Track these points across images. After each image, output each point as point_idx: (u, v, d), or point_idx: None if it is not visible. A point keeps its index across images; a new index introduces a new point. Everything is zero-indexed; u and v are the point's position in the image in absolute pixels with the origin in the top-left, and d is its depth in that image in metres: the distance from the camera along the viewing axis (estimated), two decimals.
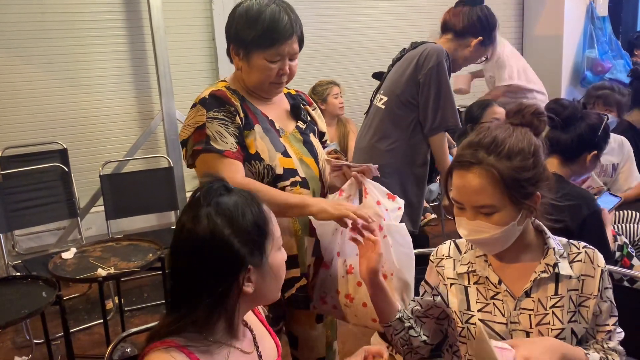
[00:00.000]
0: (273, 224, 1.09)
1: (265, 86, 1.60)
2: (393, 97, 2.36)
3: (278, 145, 1.60)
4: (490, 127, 1.26)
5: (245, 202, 1.05)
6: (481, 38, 2.33)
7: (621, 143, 2.88)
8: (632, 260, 2.29)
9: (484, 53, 2.40)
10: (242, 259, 1.02)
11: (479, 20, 2.32)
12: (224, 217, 1.01)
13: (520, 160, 1.20)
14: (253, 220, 1.03)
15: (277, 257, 1.10)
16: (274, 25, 1.52)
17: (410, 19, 4.88)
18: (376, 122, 2.44)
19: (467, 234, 1.25)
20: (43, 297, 2.19)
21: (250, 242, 1.02)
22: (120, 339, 1.43)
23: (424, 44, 2.35)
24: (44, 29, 3.65)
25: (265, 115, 1.63)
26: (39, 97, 3.72)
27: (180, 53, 3.90)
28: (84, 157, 3.88)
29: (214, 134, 1.52)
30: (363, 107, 4.57)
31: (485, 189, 1.19)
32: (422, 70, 2.26)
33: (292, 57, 1.60)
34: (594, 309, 1.27)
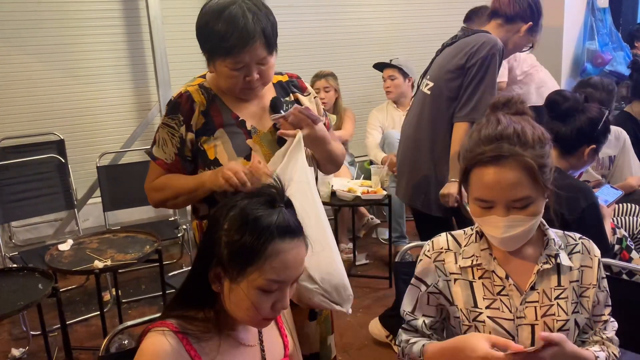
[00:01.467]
0: (275, 268, 1.03)
1: (235, 91, 1.54)
2: (441, 82, 2.34)
3: (241, 149, 1.54)
4: (491, 119, 1.23)
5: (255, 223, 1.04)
6: (530, 24, 2.33)
7: (618, 135, 2.87)
8: (631, 253, 2.29)
9: (530, 40, 2.39)
10: (218, 257, 1.05)
11: (529, 6, 2.31)
12: (233, 216, 1.05)
13: (540, 147, 1.19)
14: (249, 239, 1.02)
15: (253, 294, 1.04)
16: (229, 31, 1.40)
17: (410, 10, 4.85)
18: (420, 108, 2.43)
19: (502, 231, 1.19)
20: (40, 288, 2.18)
21: (235, 254, 1.04)
22: (116, 332, 1.42)
23: (479, 32, 2.32)
24: (40, 19, 3.62)
25: (235, 116, 1.57)
26: (35, 88, 3.69)
27: (177, 43, 3.87)
28: (81, 148, 3.86)
29: (160, 139, 1.57)
30: (363, 99, 4.59)
31: (521, 181, 1.15)
32: (472, 59, 2.24)
33: (259, 62, 1.47)
34: (593, 299, 1.28)
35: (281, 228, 1.04)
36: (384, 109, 4.02)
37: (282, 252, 1.03)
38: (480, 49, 2.23)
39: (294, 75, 1.72)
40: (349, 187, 3.22)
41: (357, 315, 3.10)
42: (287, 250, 1.04)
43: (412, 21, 4.86)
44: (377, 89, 4.11)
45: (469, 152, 1.22)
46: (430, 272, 1.34)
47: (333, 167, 1.75)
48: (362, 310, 3.14)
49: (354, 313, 3.12)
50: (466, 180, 1.23)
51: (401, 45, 4.78)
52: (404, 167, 2.52)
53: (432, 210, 2.40)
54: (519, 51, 2.45)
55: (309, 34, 4.43)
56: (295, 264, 1.06)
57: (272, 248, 1.02)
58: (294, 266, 1.06)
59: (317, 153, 1.63)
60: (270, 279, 1.03)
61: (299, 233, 1.08)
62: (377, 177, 3.39)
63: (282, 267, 1.03)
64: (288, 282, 1.07)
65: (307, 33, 4.41)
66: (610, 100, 3.07)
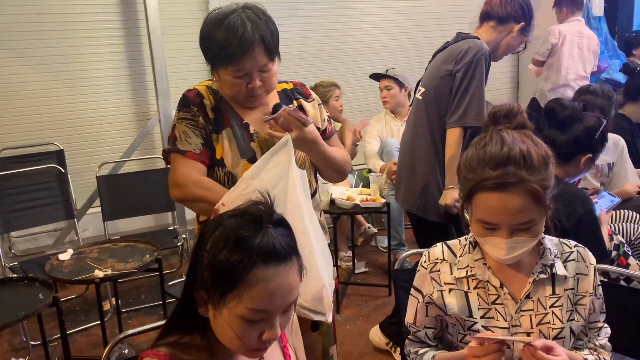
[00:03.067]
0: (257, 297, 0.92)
1: (239, 99, 1.57)
2: (432, 88, 2.37)
3: (245, 151, 1.57)
4: (494, 137, 1.21)
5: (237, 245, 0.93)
6: (523, 24, 2.36)
7: (616, 142, 2.89)
8: (629, 259, 2.30)
9: (523, 40, 2.42)
10: (201, 279, 0.96)
11: (520, 7, 2.35)
12: (216, 236, 0.96)
13: (544, 169, 1.18)
14: (228, 264, 0.93)
15: (234, 323, 0.95)
16: (229, 40, 1.44)
17: (408, 20, 4.89)
18: (416, 114, 2.47)
19: (505, 253, 1.19)
20: (40, 298, 2.18)
21: (215, 278, 0.94)
22: (116, 341, 1.42)
23: (469, 38, 2.35)
24: (40, 30, 3.64)
25: (240, 118, 1.60)
26: (35, 98, 3.71)
27: (176, 54, 3.90)
28: (80, 158, 3.87)
29: (181, 134, 1.55)
30: (360, 107, 4.62)
31: (527, 206, 1.15)
32: (458, 64, 2.27)
33: (261, 69, 1.50)
34: (589, 307, 1.28)
35: (265, 253, 0.92)
36: (382, 119, 4.04)
37: (264, 280, 0.92)
38: (466, 55, 2.26)
39: (298, 83, 1.75)
40: (348, 195, 3.23)
41: (357, 323, 3.10)
42: (271, 277, 0.93)
43: (410, 30, 4.90)
44: (375, 98, 4.14)
45: (472, 172, 1.20)
46: (426, 282, 1.35)
47: (334, 174, 1.72)
48: (362, 319, 3.14)
49: (354, 321, 3.12)
50: (469, 200, 1.22)
51: (398, 55, 4.82)
52: (402, 173, 2.55)
53: (429, 216, 2.41)
54: (512, 52, 2.48)
55: (308, 43, 4.46)
56: (281, 293, 0.94)
57: (253, 275, 0.92)
58: (280, 295, 0.94)
59: (310, 156, 1.63)
60: (252, 307, 0.93)
61: (288, 257, 0.95)
62: (376, 185, 3.41)
63: (265, 295, 0.93)
64: (275, 312, 0.96)
65: (306, 43, 4.45)
66: (611, 107, 3.10)
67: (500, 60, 2.54)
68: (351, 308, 3.28)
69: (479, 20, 2.45)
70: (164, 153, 1.62)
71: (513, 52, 2.49)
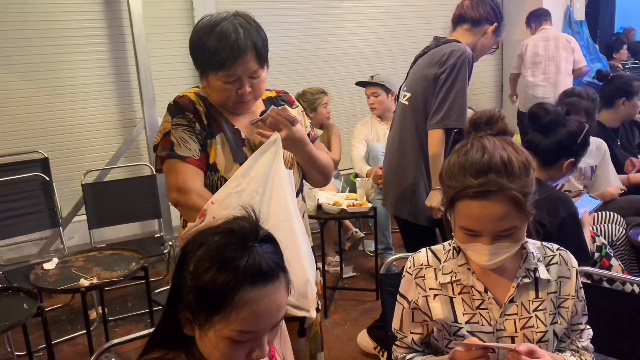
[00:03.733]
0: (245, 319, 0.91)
1: (228, 105, 1.59)
2: (417, 92, 2.40)
3: (238, 156, 1.58)
4: (475, 144, 1.22)
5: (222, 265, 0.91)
6: (496, 24, 2.40)
7: (599, 145, 2.93)
8: (611, 260, 2.33)
9: (496, 41, 2.47)
10: (185, 300, 0.94)
11: (492, 8, 2.40)
12: (200, 256, 0.93)
13: (525, 176, 1.19)
14: (213, 286, 0.90)
15: (222, 345, 0.92)
16: (221, 46, 1.46)
17: (393, 26, 4.92)
18: (402, 119, 2.48)
19: (488, 259, 1.20)
20: (24, 308, 2.16)
21: (199, 300, 0.92)
22: (102, 350, 1.42)
23: (450, 42, 2.37)
24: (25, 37, 3.62)
25: (230, 124, 1.61)
26: (19, 106, 3.68)
27: (161, 60, 3.90)
28: (65, 166, 3.85)
29: (178, 140, 1.55)
30: (347, 112, 4.63)
31: (509, 213, 1.16)
32: (442, 67, 2.30)
33: (251, 76, 1.52)
34: (572, 309, 1.30)
35: (251, 273, 0.90)
36: (368, 123, 4.06)
37: (251, 302, 0.90)
38: (450, 57, 2.29)
39: (281, 91, 1.78)
40: (335, 200, 3.24)
41: (345, 328, 3.11)
42: (258, 299, 0.90)
43: (395, 36, 4.94)
44: (361, 103, 4.16)
45: (454, 180, 1.21)
46: (411, 288, 1.36)
47: (319, 177, 1.73)
48: (350, 323, 3.15)
49: (341, 326, 3.13)
50: (451, 207, 1.23)
51: (384, 60, 4.85)
52: (390, 178, 2.56)
53: (420, 220, 2.43)
54: (486, 53, 2.52)
55: (294, 49, 4.48)
56: (269, 313, 0.92)
57: (240, 297, 0.89)
58: (268, 315, 0.92)
59: (298, 156, 1.64)
60: (239, 330, 0.91)
61: (275, 276, 0.93)
62: (363, 189, 3.42)
63: (252, 317, 0.90)
64: (263, 332, 0.94)
65: (292, 49, 4.46)
66: (595, 109, 3.15)
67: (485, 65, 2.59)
68: (339, 313, 3.29)
69: (452, 24, 2.48)
70: (158, 159, 1.59)
71: (487, 53, 2.53)
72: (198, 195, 1.52)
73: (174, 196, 1.55)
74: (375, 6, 4.86)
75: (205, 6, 3.99)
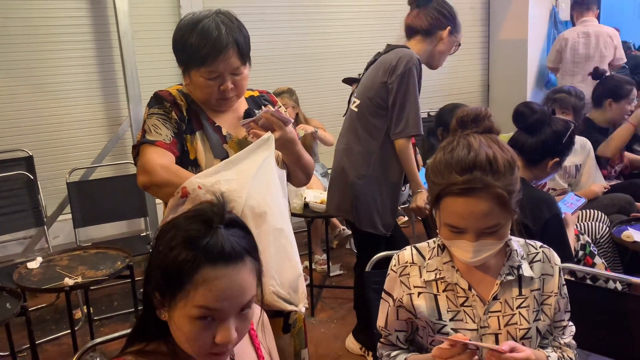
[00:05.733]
0: (205, 296, 0.91)
1: (211, 102, 1.59)
2: (366, 100, 2.41)
3: (219, 152, 1.59)
4: (461, 142, 1.23)
5: (185, 244, 0.93)
6: (449, 27, 2.39)
7: (583, 144, 2.97)
8: (594, 258, 2.36)
9: (455, 41, 2.46)
10: (155, 281, 0.96)
11: (440, 13, 2.38)
12: (168, 237, 0.95)
13: (510, 174, 1.20)
14: (175, 264, 0.92)
15: (185, 324, 0.93)
16: (203, 42, 1.48)
17: (379, 24, 4.92)
18: (350, 125, 2.50)
19: (472, 255, 1.21)
20: (7, 308, 2.15)
21: (164, 279, 0.94)
22: (85, 348, 1.40)
23: (397, 48, 2.38)
24: (8, 34, 3.57)
25: (212, 121, 1.62)
26: (3, 104, 3.63)
27: (148, 58, 3.86)
28: (50, 164, 3.80)
29: (150, 127, 1.56)
30: (332, 111, 4.63)
31: (493, 210, 1.17)
32: (392, 76, 2.31)
33: (233, 72, 1.54)
34: (554, 306, 1.31)
35: (212, 253, 0.91)
36: None
37: (211, 280, 0.91)
38: (398, 66, 2.30)
39: (264, 91, 1.80)
40: (322, 199, 3.24)
41: (332, 326, 3.11)
42: (218, 277, 0.91)
43: (380, 34, 4.93)
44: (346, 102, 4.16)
45: (440, 177, 1.21)
46: (396, 286, 1.36)
47: (303, 176, 1.75)
48: (337, 321, 3.15)
49: (328, 324, 3.13)
50: (437, 204, 1.24)
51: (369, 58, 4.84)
52: (336, 182, 2.57)
53: (362, 226, 2.46)
54: (448, 54, 2.50)
55: (279, 47, 4.46)
56: (230, 293, 0.92)
57: (200, 275, 0.91)
58: (230, 295, 0.92)
59: (287, 156, 1.65)
60: (199, 305, 0.91)
61: (239, 258, 0.94)
62: None
63: (212, 295, 0.91)
64: (227, 312, 0.93)
65: (278, 47, 4.44)
66: (583, 107, 3.19)
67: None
68: (326, 311, 3.29)
69: (406, 35, 2.47)
70: (134, 150, 1.59)
71: (450, 54, 2.51)
72: (163, 169, 1.49)
73: (140, 179, 1.53)
74: (362, 4, 4.87)
75: (192, 4, 3.97)
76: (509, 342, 1.18)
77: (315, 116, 4.24)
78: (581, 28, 4.60)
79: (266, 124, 1.54)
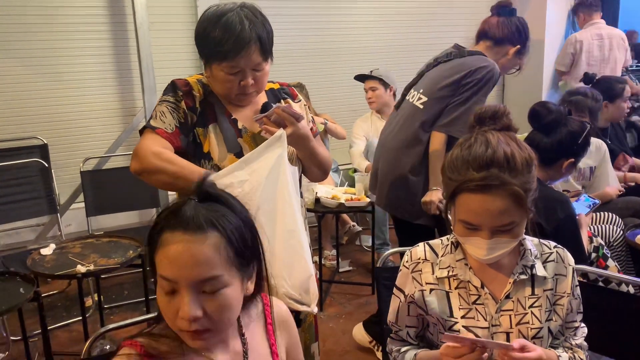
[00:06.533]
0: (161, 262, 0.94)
1: (231, 97, 1.59)
2: (435, 98, 2.35)
3: (232, 146, 1.58)
4: (479, 139, 1.22)
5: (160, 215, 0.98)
6: (519, 47, 2.37)
7: (599, 146, 2.94)
8: (607, 261, 2.34)
9: (517, 63, 2.43)
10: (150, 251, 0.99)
11: (517, 29, 2.36)
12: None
13: (527, 172, 1.19)
14: (152, 229, 0.97)
15: (159, 295, 0.96)
16: (226, 37, 1.46)
17: (394, 20, 4.91)
18: (410, 120, 2.42)
19: (486, 253, 1.20)
20: (20, 293, 2.16)
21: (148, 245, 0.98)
22: (97, 335, 1.42)
23: (477, 55, 2.34)
24: (25, 23, 3.60)
25: (229, 114, 1.61)
26: (19, 92, 3.67)
27: (163, 49, 3.88)
28: (64, 152, 3.84)
29: (157, 113, 1.55)
30: (347, 107, 4.63)
31: (508, 208, 1.16)
32: (469, 77, 2.27)
33: (255, 68, 1.53)
34: (567, 307, 1.30)
35: (173, 218, 0.94)
36: (368, 119, 4.06)
37: (166, 245, 0.93)
38: (480, 71, 2.26)
39: (284, 83, 1.78)
40: (333, 194, 3.25)
41: (340, 321, 3.11)
42: (173, 242, 0.92)
43: (398, 31, 4.93)
44: (361, 99, 4.15)
45: (457, 173, 1.21)
46: (408, 282, 1.36)
47: (319, 172, 1.74)
48: (345, 317, 3.16)
49: (337, 319, 3.14)
50: (452, 200, 1.23)
51: (385, 55, 4.83)
52: (386, 177, 2.52)
53: (420, 220, 2.43)
54: (505, 73, 2.48)
55: (295, 42, 4.46)
56: (183, 261, 0.92)
57: (162, 239, 0.94)
58: (182, 264, 0.92)
59: (300, 152, 1.65)
60: (160, 274, 0.94)
61: (201, 229, 0.92)
62: (361, 184, 3.42)
63: (167, 261, 0.93)
64: (180, 283, 0.93)
65: (293, 42, 4.45)
66: (599, 109, 3.16)
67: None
68: (334, 306, 3.30)
69: (476, 38, 2.45)
70: (140, 133, 1.58)
71: (507, 73, 2.49)
72: (155, 156, 1.48)
73: (132, 165, 1.52)
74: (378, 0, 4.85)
75: None
76: (520, 339, 1.17)
77: (328, 112, 4.24)
78: (594, 30, 4.54)
79: (278, 120, 1.54)
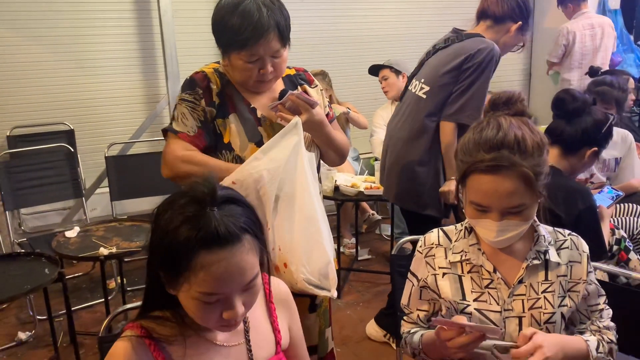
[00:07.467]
0: (205, 281, 0.92)
1: (249, 84, 1.59)
2: (437, 85, 2.33)
3: (253, 135, 1.59)
4: (491, 122, 1.23)
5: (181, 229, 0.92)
6: (520, 23, 2.33)
7: (624, 137, 2.87)
8: (629, 254, 2.30)
9: (521, 40, 2.39)
10: (159, 261, 0.97)
11: (517, 5, 2.31)
12: (165, 219, 0.95)
13: (538, 155, 1.19)
14: (174, 249, 0.92)
15: (191, 305, 0.96)
16: (244, 25, 1.45)
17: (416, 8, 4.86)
18: (415, 110, 2.41)
19: (495, 235, 1.21)
20: (46, 273, 2.23)
21: (164, 262, 0.95)
22: (116, 313, 1.46)
23: (475, 37, 2.31)
24: (52, 10, 3.67)
25: (247, 103, 1.61)
26: (46, 78, 3.75)
27: (187, 37, 3.92)
28: (90, 138, 3.92)
29: (179, 115, 1.57)
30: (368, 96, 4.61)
31: (518, 190, 1.17)
32: (470, 61, 2.24)
33: (273, 55, 1.52)
34: (583, 293, 1.30)
35: (206, 238, 0.90)
36: (388, 108, 4.04)
37: (208, 265, 0.90)
38: (478, 54, 2.23)
39: (300, 69, 1.78)
40: (352, 183, 3.24)
41: (358, 309, 3.13)
42: (215, 262, 0.90)
43: (425, 19, 4.87)
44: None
45: (468, 155, 1.22)
46: (421, 267, 1.38)
47: (336, 157, 1.74)
48: (363, 305, 3.17)
49: (354, 307, 3.16)
50: (463, 182, 1.25)
51: (404, 44, 4.79)
52: (393, 169, 2.50)
53: (426, 210, 2.42)
54: (509, 51, 2.43)
55: (315, 29, 4.45)
56: (230, 276, 0.92)
57: (196, 262, 0.91)
58: (229, 277, 0.92)
59: (316, 137, 1.65)
60: (202, 291, 0.92)
61: (235, 239, 0.92)
62: None
63: (212, 280, 0.91)
64: (230, 293, 0.94)
65: (313, 29, 4.44)
66: (625, 99, 3.09)
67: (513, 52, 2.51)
68: (352, 294, 3.32)
69: (476, 18, 2.40)
70: (163, 133, 1.62)
71: (510, 51, 2.44)
72: (181, 161, 1.53)
73: (163, 171, 1.58)
74: None
75: None
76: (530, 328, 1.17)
77: (350, 100, 4.23)
78: (585, 20, 4.46)
79: (293, 107, 1.54)
